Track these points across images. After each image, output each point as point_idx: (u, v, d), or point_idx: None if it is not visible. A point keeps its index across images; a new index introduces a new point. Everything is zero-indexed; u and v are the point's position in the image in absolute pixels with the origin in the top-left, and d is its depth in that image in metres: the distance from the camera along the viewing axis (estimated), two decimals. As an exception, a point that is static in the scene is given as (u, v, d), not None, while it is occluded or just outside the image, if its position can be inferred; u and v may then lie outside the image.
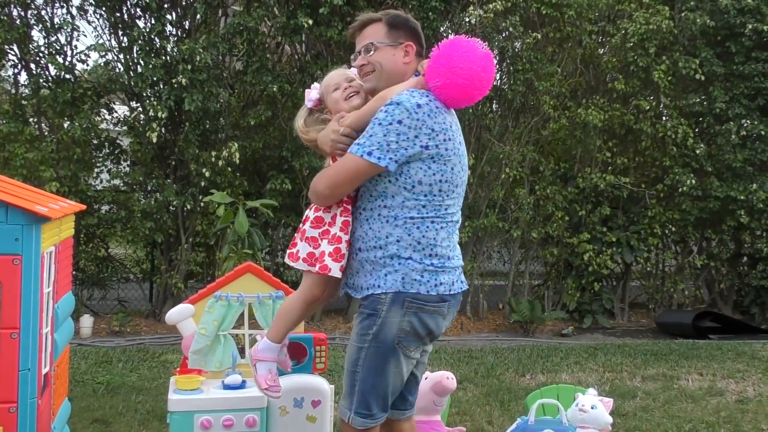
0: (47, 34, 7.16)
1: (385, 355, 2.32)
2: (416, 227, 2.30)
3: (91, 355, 5.74)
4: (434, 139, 2.27)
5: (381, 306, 2.30)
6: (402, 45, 2.40)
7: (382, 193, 2.32)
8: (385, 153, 2.24)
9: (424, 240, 2.29)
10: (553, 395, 3.26)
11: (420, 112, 2.25)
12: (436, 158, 2.28)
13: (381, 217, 2.32)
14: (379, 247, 2.32)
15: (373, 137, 2.25)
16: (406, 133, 2.24)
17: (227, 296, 3.06)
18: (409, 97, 2.26)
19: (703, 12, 8.03)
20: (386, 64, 2.39)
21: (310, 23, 6.88)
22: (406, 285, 2.29)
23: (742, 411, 4.66)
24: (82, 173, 7.26)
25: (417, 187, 2.28)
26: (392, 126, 2.24)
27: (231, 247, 5.38)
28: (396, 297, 2.29)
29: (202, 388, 2.93)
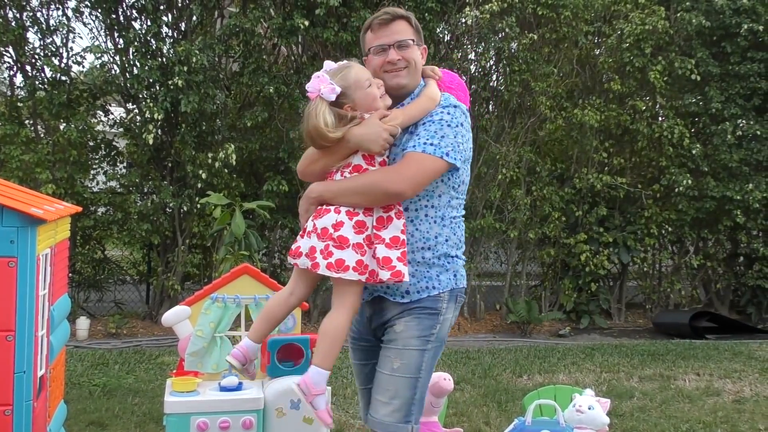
0: (43, 36, 7.15)
1: (431, 357, 2.29)
2: (458, 226, 2.37)
3: (88, 357, 5.73)
4: (470, 142, 2.38)
5: (441, 304, 2.30)
6: (422, 47, 2.43)
7: (429, 192, 2.30)
8: (457, 154, 2.28)
9: (455, 237, 2.36)
10: (551, 396, 3.26)
11: (467, 116, 2.37)
12: (467, 161, 2.37)
13: (428, 218, 2.30)
14: (428, 248, 2.29)
15: (446, 138, 2.25)
16: (465, 136, 2.32)
17: (224, 298, 3.06)
18: (458, 103, 2.36)
19: (698, 12, 8.05)
20: (417, 63, 2.38)
21: (306, 24, 6.87)
22: (458, 281, 2.36)
23: (739, 411, 4.67)
24: (79, 175, 7.25)
25: (461, 187, 2.36)
26: (459, 129, 2.29)
27: (228, 249, 5.35)
28: (452, 294, 2.34)
29: (199, 390, 2.93)
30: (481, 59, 7.94)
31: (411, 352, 2.24)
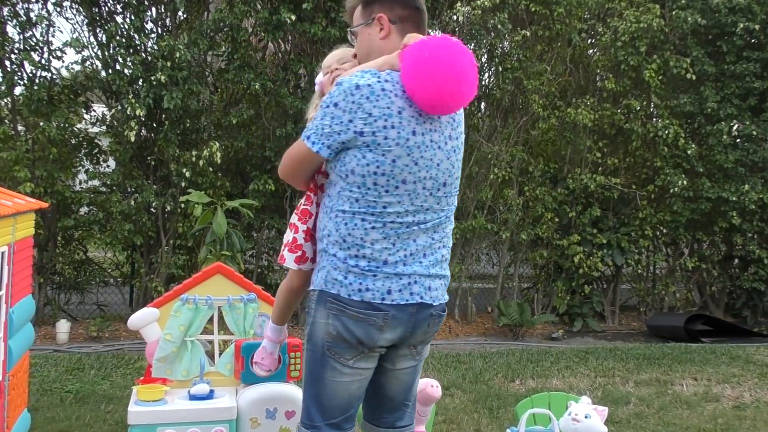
0: (22, 30, 6.94)
1: (319, 360, 2.10)
2: (344, 222, 2.07)
3: (63, 362, 5.52)
4: (371, 125, 2.01)
5: (311, 304, 2.13)
6: (374, 20, 2.15)
7: (328, 181, 2.16)
8: (319, 137, 2.06)
9: (350, 238, 2.05)
10: (545, 403, 3.08)
11: (357, 93, 2.01)
12: (372, 147, 2.02)
13: (324, 207, 2.15)
14: (319, 239, 2.16)
15: (315, 120, 2.09)
16: (340, 117, 2.03)
17: (195, 299, 2.86)
18: (352, 78, 2.04)
19: (694, 10, 7.91)
20: (362, 48, 2.20)
21: (293, 19, 6.70)
22: (328, 284, 2.08)
23: (740, 418, 4.50)
24: (59, 174, 7.05)
25: (350, 177, 2.05)
26: (329, 109, 2.04)
27: (209, 249, 5.17)
28: (321, 296, 2.10)
29: (167, 398, 2.73)
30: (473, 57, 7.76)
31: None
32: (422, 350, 2.25)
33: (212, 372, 2.90)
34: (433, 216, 2.12)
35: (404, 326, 2.09)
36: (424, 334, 2.17)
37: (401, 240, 2.06)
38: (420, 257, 2.09)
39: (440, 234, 2.16)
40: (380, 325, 2.05)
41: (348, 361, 2.07)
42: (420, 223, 2.09)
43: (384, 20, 2.14)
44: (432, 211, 2.12)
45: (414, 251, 2.08)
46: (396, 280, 2.05)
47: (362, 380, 2.13)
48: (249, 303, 2.95)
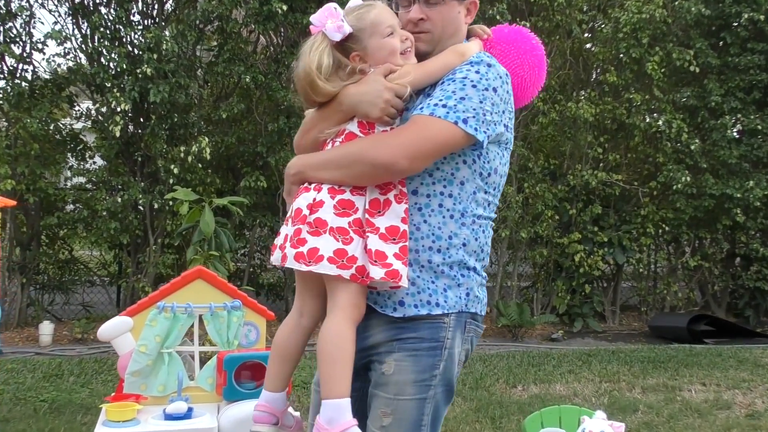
0: (2, 21, 6.71)
1: (447, 400, 1.72)
2: (482, 230, 1.77)
3: (42, 367, 5.28)
4: (511, 121, 1.77)
5: (444, 333, 1.70)
6: (467, 2, 1.83)
7: (448, 176, 1.72)
8: (480, 124, 1.67)
9: (486, 247, 1.78)
10: (555, 418, 2.85)
11: (508, 83, 1.75)
12: (508, 145, 1.79)
13: (443, 210, 1.72)
14: (437, 249, 1.71)
15: (467, 101, 1.66)
16: (498, 105, 1.70)
17: (173, 307, 2.61)
18: (497, 62, 1.74)
19: (697, 0, 7.69)
20: (448, 24, 1.79)
21: (285, 9, 6.46)
22: (470, 304, 1.74)
23: (755, 428, 4.29)
24: (42, 170, 6.81)
25: (492, 177, 1.75)
26: (488, 93, 1.68)
27: (196, 249, 4.93)
28: (458, 319, 1.71)
29: (139, 418, 2.47)
30: (471, 49, 7.55)
31: (406, 403, 1.67)
32: None
33: (192, 387, 2.66)
34: None
35: None
36: None
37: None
38: None
39: None
40: None
41: None
42: None
43: (475, 8, 1.85)
44: None
45: None
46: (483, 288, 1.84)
47: None
48: (233, 311, 2.70)
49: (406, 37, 1.76)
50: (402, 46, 1.74)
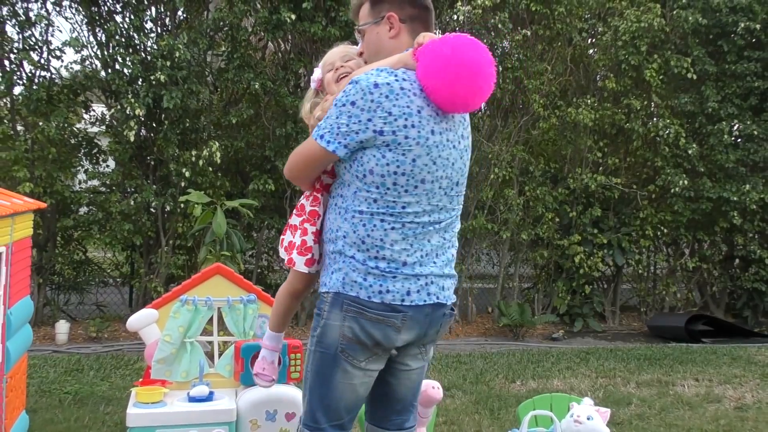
0: (21, 29, 6.92)
1: (330, 362, 2.07)
2: (363, 224, 2.04)
3: (62, 363, 5.49)
4: (390, 124, 1.98)
5: (324, 306, 2.09)
6: (384, 18, 2.12)
7: (339, 181, 2.13)
8: (335, 137, 2.01)
9: (368, 239, 2.02)
10: (547, 405, 3.06)
11: (376, 92, 1.98)
12: (392, 146, 1.99)
13: (336, 208, 2.11)
14: (331, 240, 2.11)
15: (328, 119, 2.04)
16: (358, 116, 1.99)
17: (194, 300, 2.84)
18: (369, 76, 2.01)
19: (695, 10, 7.89)
20: (370, 46, 2.18)
21: (293, 18, 6.68)
22: (346, 286, 2.04)
23: (742, 419, 4.48)
24: (58, 174, 7.03)
25: (368, 177, 2.02)
26: (345, 107, 2.00)
27: (209, 249, 5.14)
28: (336, 298, 2.06)
29: (165, 400, 2.71)
30: (473, 56, 7.73)
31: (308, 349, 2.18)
32: (430, 350, 2.26)
33: (212, 373, 2.88)
34: (446, 216, 2.13)
35: (420, 326, 2.09)
36: (435, 333, 2.19)
37: (418, 240, 2.06)
38: (434, 257, 2.10)
39: (450, 234, 2.17)
40: (398, 327, 2.05)
41: (360, 363, 2.06)
42: (435, 223, 2.09)
43: (394, 19, 2.12)
44: (445, 211, 2.12)
45: (429, 251, 2.08)
46: (414, 281, 2.05)
47: (370, 381, 2.13)
48: (249, 304, 2.93)
49: (338, 67, 2.21)
50: (334, 75, 2.21)
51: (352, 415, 2.14)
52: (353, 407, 2.12)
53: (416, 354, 2.18)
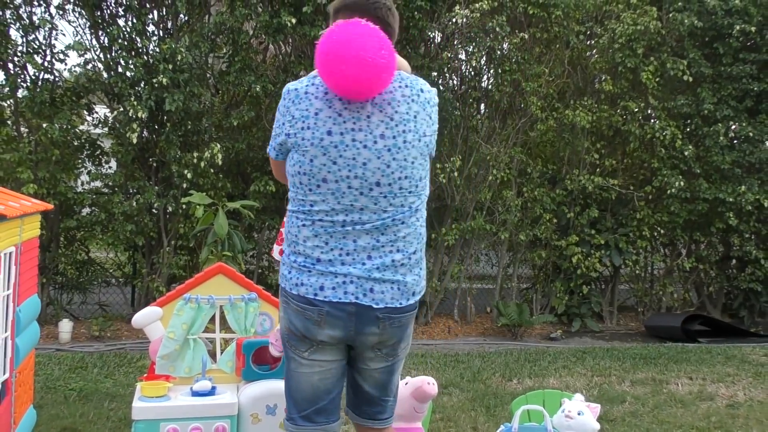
0: (25, 33, 7.01)
1: (286, 354, 2.25)
2: (289, 221, 2.21)
3: (67, 360, 5.58)
4: (293, 127, 2.13)
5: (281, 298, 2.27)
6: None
7: None
8: (271, 141, 2.27)
9: (290, 235, 2.18)
10: (539, 401, 3.15)
11: (287, 98, 2.18)
12: (295, 147, 2.14)
13: None
14: None
15: None
16: (279, 120, 2.21)
17: (197, 298, 2.93)
18: (289, 84, 2.23)
19: (690, 13, 7.97)
20: None
21: (294, 22, 6.77)
22: (282, 279, 2.21)
23: (733, 416, 4.57)
24: (61, 175, 7.11)
25: (290, 178, 2.20)
26: (276, 115, 2.23)
27: (210, 249, 5.24)
28: (281, 291, 2.23)
29: (169, 394, 2.80)
30: (472, 59, 7.84)
31: None
32: (394, 351, 2.22)
33: (214, 369, 2.97)
34: (372, 217, 2.10)
35: (344, 325, 2.11)
36: (380, 336, 2.15)
37: (335, 239, 2.10)
38: (363, 258, 2.09)
39: (389, 237, 2.12)
40: (316, 320, 2.10)
41: (304, 353, 2.16)
42: (356, 224, 2.10)
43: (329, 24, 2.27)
44: (369, 212, 2.10)
45: (352, 251, 2.09)
46: (330, 277, 2.09)
47: (324, 372, 2.16)
48: (250, 302, 3.02)
49: None
50: None
51: (317, 407, 2.18)
52: (313, 398, 2.17)
53: (373, 357, 2.20)
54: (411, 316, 2.21)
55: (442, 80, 7.91)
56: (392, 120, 2.11)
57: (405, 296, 2.14)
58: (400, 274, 2.12)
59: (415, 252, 2.17)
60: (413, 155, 2.13)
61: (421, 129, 2.15)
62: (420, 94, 2.17)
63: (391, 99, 2.11)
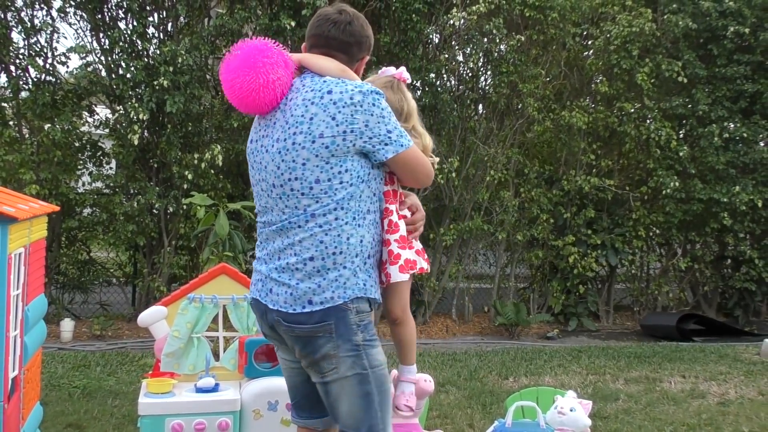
0: (27, 36, 7.09)
1: None
2: None
3: (70, 359, 5.67)
4: None
5: None
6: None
7: None
8: None
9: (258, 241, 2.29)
10: (533, 398, 3.23)
11: None
12: None
13: None
14: None
15: None
16: None
17: (201, 298, 3.01)
18: None
19: (685, 15, 8.07)
20: None
21: (293, 25, 6.84)
22: None
23: (724, 413, 4.66)
24: (63, 176, 7.19)
25: None
26: None
27: (211, 250, 5.32)
28: None
29: (174, 391, 2.89)
30: (469, 61, 7.92)
31: None
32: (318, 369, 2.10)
33: (217, 367, 3.06)
34: (276, 218, 2.14)
35: (260, 320, 2.24)
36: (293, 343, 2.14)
37: (263, 239, 2.21)
38: (274, 259, 2.14)
39: (289, 240, 2.09)
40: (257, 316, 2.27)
41: (278, 349, 2.32)
42: (268, 225, 2.18)
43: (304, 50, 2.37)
44: (275, 213, 2.15)
45: (270, 252, 2.16)
46: (255, 275, 2.24)
47: (287, 369, 2.30)
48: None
49: None
50: None
51: (294, 401, 2.33)
52: (290, 393, 2.34)
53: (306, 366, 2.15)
54: (312, 330, 2.06)
55: (439, 82, 8.00)
56: (287, 123, 2.12)
57: (299, 303, 2.06)
58: (296, 279, 2.07)
59: (313, 259, 2.06)
60: (304, 156, 2.06)
61: (317, 130, 2.06)
62: (325, 96, 2.08)
63: (293, 104, 2.13)
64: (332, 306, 2.04)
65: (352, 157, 2.08)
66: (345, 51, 2.24)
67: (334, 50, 2.23)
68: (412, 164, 2.18)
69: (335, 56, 2.23)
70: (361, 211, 2.11)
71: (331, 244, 2.05)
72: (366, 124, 2.07)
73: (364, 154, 2.10)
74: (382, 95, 2.13)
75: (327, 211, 2.06)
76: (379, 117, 2.09)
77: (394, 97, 2.28)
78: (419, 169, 2.21)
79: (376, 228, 2.17)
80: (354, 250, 2.08)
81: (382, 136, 2.10)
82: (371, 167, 2.13)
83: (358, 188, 2.09)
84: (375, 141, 2.09)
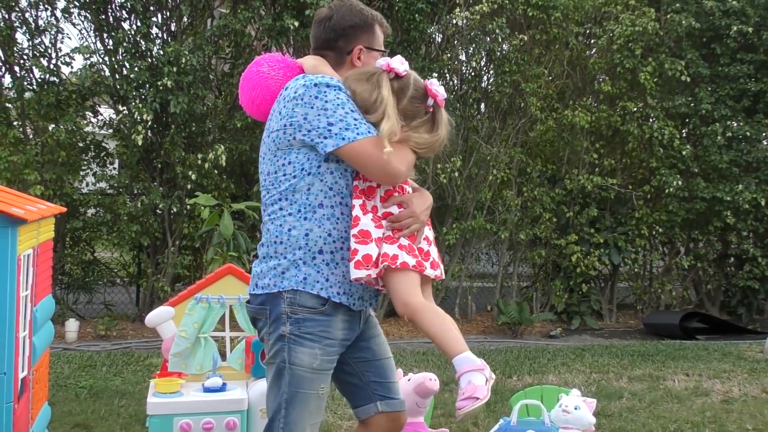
0: (31, 36, 7.11)
1: None
2: None
3: (75, 359, 5.69)
4: None
5: None
6: None
7: None
8: None
9: None
10: (537, 396, 3.25)
11: None
12: None
13: None
14: None
15: None
16: None
17: (208, 298, 3.03)
18: None
19: (688, 14, 8.07)
20: None
21: (296, 25, 6.86)
22: None
23: (727, 411, 4.67)
24: (67, 176, 7.21)
25: None
26: None
27: (216, 250, 5.34)
28: None
29: (182, 390, 2.91)
30: (472, 60, 7.94)
31: None
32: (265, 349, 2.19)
33: (224, 366, 3.08)
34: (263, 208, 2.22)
35: None
36: None
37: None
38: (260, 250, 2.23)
39: (266, 228, 2.18)
40: None
41: None
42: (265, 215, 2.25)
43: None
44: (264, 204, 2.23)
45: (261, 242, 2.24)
46: None
47: None
48: (258, 302, 3.12)
49: None
50: None
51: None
52: None
53: None
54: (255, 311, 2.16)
55: (442, 81, 8.01)
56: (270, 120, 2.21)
57: (252, 284, 2.19)
58: (255, 262, 2.20)
59: (263, 245, 2.16)
60: (263, 151, 2.20)
61: (271, 126, 2.16)
62: (282, 93, 2.15)
63: None
64: (269, 293, 2.10)
65: (297, 150, 2.09)
66: (330, 47, 2.26)
67: (322, 49, 2.28)
68: (360, 159, 2.07)
69: (325, 55, 2.26)
70: (309, 204, 2.09)
71: (274, 232, 2.11)
72: (305, 117, 2.06)
73: (312, 147, 2.09)
74: (333, 87, 2.07)
75: (273, 201, 2.13)
76: (321, 110, 2.06)
77: (364, 89, 2.13)
78: (368, 163, 2.07)
79: (334, 224, 2.11)
80: (297, 242, 2.08)
81: (321, 129, 2.06)
82: (323, 160, 2.09)
83: (302, 180, 2.09)
84: (314, 134, 2.06)
